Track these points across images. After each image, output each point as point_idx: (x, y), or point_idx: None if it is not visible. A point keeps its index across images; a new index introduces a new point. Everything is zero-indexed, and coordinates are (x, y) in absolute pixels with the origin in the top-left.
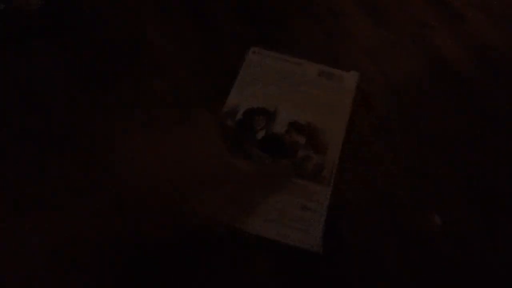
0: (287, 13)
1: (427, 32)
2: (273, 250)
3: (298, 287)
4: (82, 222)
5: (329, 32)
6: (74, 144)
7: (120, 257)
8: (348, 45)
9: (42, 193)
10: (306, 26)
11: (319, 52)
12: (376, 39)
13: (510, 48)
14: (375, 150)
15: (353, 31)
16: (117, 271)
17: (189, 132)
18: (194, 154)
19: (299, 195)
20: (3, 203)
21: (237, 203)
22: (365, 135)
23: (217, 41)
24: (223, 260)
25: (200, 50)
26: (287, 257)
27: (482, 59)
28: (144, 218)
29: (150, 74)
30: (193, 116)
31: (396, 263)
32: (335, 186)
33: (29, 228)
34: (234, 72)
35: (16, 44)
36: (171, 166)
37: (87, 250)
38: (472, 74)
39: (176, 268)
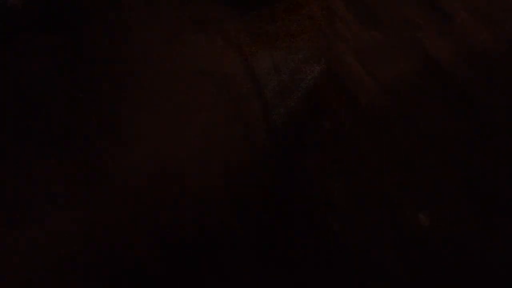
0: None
1: (418, 34)
2: (272, 250)
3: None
4: (82, 221)
5: (321, 34)
6: (74, 144)
7: (120, 257)
8: (340, 45)
9: (42, 193)
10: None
11: (312, 53)
12: (368, 41)
13: (502, 50)
14: (375, 150)
15: (344, 33)
16: (116, 271)
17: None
18: None
19: None
20: (3, 202)
21: None
22: (364, 136)
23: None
24: (222, 259)
25: None
26: (286, 258)
27: (475, 60)
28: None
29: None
30: None
31: (396, 263)
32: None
33: (29, 228)
34: None
35: (16, 44)
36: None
37: (87, 250)
38: (466, 74)
39: (176, 269)
